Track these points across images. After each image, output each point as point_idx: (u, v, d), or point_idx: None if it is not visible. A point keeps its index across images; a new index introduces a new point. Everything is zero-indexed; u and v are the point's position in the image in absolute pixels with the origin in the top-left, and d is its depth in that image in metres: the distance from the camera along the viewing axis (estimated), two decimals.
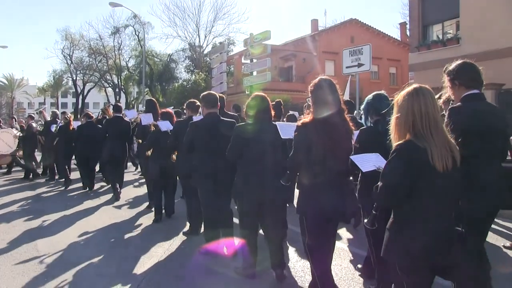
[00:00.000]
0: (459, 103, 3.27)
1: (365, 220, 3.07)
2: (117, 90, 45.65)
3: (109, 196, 9.41)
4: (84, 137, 9.87)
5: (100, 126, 10.24)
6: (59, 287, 4.39)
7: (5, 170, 13.81)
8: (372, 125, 4.02)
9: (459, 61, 3.34)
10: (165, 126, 6.83)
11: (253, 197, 4.31)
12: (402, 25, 34.70)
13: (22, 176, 12.57)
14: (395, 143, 2.58)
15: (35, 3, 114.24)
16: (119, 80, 44.84)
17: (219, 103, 5.44)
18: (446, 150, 2.47)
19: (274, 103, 6.93)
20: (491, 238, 5.80)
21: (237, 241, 5.01)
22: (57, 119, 12.05)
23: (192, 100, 6.61)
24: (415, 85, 2.61)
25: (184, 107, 7.04)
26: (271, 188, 4.18)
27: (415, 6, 18.26)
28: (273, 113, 4.57)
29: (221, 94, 7.30)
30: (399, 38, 34.65)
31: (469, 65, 3.31)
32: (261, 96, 4.48)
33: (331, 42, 30.33)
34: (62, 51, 43.59)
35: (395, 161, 2.52)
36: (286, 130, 4.06)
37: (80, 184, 10.45)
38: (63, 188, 10.54)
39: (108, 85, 47.78)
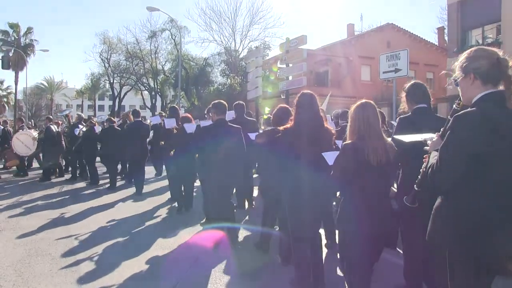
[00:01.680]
0: (409, 114, 4.12)
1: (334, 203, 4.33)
2: (153, 93, 46.60)
3: (130, 191, 10.33)
4: (109, 139, 10.86)
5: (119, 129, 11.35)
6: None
7: (15, 173, 13.68)
8: None
9: (412, 82, 4.20)
10: (191, 128, 7.49)
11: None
12: (440, 29, 34.02)
13: (39, 178, 12.51)
14: None
15: (75, 9, 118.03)
16: (155, 84, 45.71)
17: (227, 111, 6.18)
18: (381, 150, 3.33)
19: None
20: None
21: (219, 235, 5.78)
22: (82, 122, 12.45)
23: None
24: (362, 101, 3.52)
25: (206, 112, 7.48)
26: None
27: (454, 10, 17.92)
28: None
29: (241, 102, 7.92)
30: (436, 43, 34.01)
31: (418, 85, 4.15)
32: (285, 107, 5.15)
33: (367, 46, 30.04)
34: (100, 54, 45.22)
35: (340, 156, 3.48)
36: None
37: (104, 181, 11.47)
38: (89, 184, 11.58)
39: (144, 88, 48.80)
